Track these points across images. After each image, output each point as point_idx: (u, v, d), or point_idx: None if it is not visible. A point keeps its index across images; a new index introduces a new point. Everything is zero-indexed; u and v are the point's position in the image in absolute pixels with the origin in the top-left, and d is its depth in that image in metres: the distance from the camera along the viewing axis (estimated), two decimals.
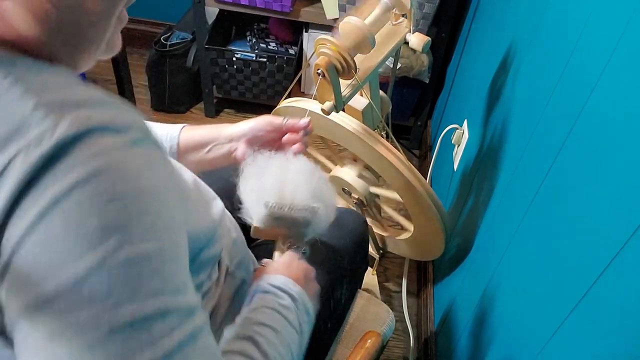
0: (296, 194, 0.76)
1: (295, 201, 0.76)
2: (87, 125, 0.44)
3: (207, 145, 0.89)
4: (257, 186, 0.78)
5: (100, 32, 0.51)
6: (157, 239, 0.46)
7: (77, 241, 0.43)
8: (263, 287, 0.70)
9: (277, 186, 0.77)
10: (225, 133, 0.88)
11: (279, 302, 0.68)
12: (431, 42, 1.12)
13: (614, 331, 0.59)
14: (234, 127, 0.88)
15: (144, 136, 0.49)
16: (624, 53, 0.64)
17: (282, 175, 0.78)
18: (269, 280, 0.71)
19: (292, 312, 0.68)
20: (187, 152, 0.89)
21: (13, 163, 0.42)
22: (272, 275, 0.73)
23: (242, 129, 0.88)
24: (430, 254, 1.37)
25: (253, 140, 0.88)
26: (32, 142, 0.43)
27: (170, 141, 0.88)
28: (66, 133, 0.43)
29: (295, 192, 0.76)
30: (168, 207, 0.49)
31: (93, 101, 0.47)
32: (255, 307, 0.67)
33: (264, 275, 0.73)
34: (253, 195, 0.78)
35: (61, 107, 0.44)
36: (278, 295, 0.69)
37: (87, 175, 0.43)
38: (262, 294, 0.70)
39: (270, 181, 0.78)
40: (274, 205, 0.76)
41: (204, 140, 0.89)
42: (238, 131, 0.88)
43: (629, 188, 0.59)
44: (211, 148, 0.89)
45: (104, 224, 0.43)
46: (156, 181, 0.48)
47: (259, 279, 0.73)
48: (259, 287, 0.71)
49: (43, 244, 0.42)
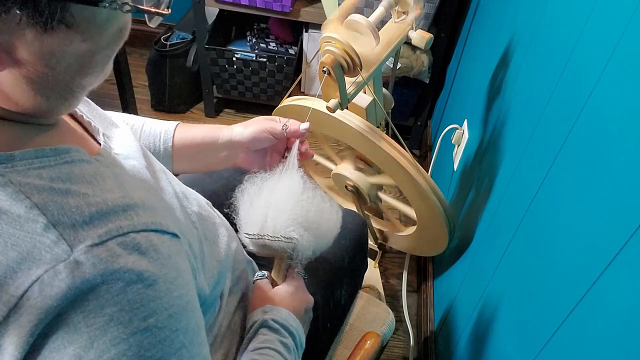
0: (276, 223, 0.75)
1: (275, 231, 0.75)
2: (111, 268, 0.45)
3: (204, 148, 0.86)
4: (245, 213, 0.77)
5: (95, 76, 0.51)
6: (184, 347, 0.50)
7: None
8: (267, 323, 0.73)
9: (261, 213, 0.76)
10: (224, 138, 0.85)
11: (282, 341, 0.72)
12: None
13: (614, 331, 0.58)
14: (232, 132, 0.85)
15: (158, 245, 0.50)
16: (624, 53, 0.64)
17: (268, 201, 0.76)
18: (273, 315, 0.74)
19: (291, 352, 0.73)
20: (182, 151, 0.86)
21: (31, 291, 0.43)
22: (276, 309, 0.75)
23: (242, 137, 0.84)
24: (433, 249, 1.37)
25: (253, 147, 0.86)
26: (50, 273, 0.43)
27: (164, 142, 0.86)
28: (90, 275, 0.44)
29: (275, 221, 0.75)
30: (187, 314, 0.52)
31: (105, 211, 0.47)
32: (260, 346, 0.70)
33: (269, 304, 0.75)
34: (242, 223, 0.78)
35: (73, 227, 0.45)
36: (282, 333, 0.72)
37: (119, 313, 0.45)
38: (267, 329, 0.72)
39: (256, 210, 0.76)
40: (253, 236, 0.76)
41: (201, 141, 0.86)
42: (237, 139, 0.85)
43: (629, 188, 0.59)
44: (209, 151, 0.87)
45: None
46: (176, 301, 0.50)
47: (262, 306, 0.75)
48: (264, 321, 0.73)
49: None
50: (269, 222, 0.75)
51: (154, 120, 0.88)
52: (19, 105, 0.47)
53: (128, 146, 0.63)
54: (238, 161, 0.87)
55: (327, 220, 0.79)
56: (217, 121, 2.15)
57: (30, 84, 0.45)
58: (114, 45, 0.50)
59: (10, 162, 0.45)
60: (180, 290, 0.50)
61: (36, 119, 0.50)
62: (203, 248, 0.64)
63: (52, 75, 0.46)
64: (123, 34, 0.50)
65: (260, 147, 0.86)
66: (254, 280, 0.82)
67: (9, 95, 0.46)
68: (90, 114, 0.64)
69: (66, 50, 0.45)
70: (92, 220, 0.46)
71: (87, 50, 0.46)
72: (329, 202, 0.80)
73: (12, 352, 0.42)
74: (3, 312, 0.42)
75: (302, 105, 1.16)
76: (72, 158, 0.49)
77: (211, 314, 0.70)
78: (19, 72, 0.44)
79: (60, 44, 0.44)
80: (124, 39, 0.51)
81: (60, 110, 0.51)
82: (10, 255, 0.43)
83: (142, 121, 0.87)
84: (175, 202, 0.61)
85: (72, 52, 0.45)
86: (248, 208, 0.77)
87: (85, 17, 0.44)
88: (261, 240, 0.75)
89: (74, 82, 0.49)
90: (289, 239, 0.75)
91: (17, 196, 0.44)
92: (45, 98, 0.48)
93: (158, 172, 0.64)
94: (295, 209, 0.75)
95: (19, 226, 0.43)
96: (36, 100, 0.47)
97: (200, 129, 0.87)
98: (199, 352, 0.53)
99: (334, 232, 0.81)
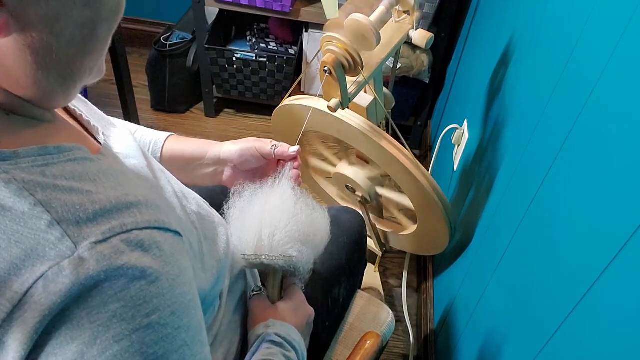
0: (273, 241, 0.74)
1: (272, 250, 0.74)
2: (114, 265, 0.45)
3: (191, 161, 0.86)
4: (238, 231, 0.76)
5: (95, 59, 0.51)
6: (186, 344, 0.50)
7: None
8: (271, 337, 0.73)
9: (255, 232, 0.74)
10: (212, 153, 0.85)
11: (285, 355, 0.72)
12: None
13: (614, 331, 0.58)
14: (221, 149, 0.86)
15: (162, 242, 0.50)
16: (624, 53, 0.64)
17: (261, 217, 0.75)
18: (276, 329, 0.74)
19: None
20: (169, 164, 0.85)
21: (35, 288, 0.43)
22: (279, 323, 0.75)
23: (231, 154, 0.84)
24: (434, 248, 1.38)
25: (241, 166, 0.85)
26: (54, 270, 0.43)
27: (153, 152, 0.86)
28: (94, 271, 0.44)
29: (272, 239, 0.74)
30: (189, 312, 0.52)
31: (108, 209, 0.47)
32: (264, 359, 0.70)
33: (271, 319, 0.76)
34: (236, 240, 0.76)
35: (77, 224, 0.45)
36: (285, 347, 0.73)
37: (123, 309, 0.45)
38: (270, 343, 0.72)
39: (249, 227, 0.75)
40: (250, 257, 0.75)
41: (189, 156, 0.86)
42: (226, 155, 0.85)
43: (629, 188, 0.59)
44: (196, 166, 0.86)
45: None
46: (178, 300, 0.50)
47: (264, 320, 0.76)
48: (267, 335, 0.73)
49: None
50: (265, 241, 0.74)
51: (146, 129, 0.88)
52: (19, 83, 0.47)
53: (127, 146, 0.63)
54: (224, 179, 0.86)
55: (319, 230, 0.79)
56: (217, 121, 2.15)
57: (34, 55, 0.45)
58: (112, 19, 0.50)
59: (14, 159, 0.45)
60: (182, 288, 0.50)
61: (35, 109, 0.50)
62: (203, 248, 0.64)
63: (56, 47, 0.46)
64: (120, 9, 0.50)
65: (247, 167, 0.86)
66: (251, 295, 0.81)
67: (10, 69, 0.46)
68: (89, 114, 0.64)
69: (70, 15, 0.45)
70: (95, 217, 0.46)
71: (88, 19, 0.46)
72: (318, 210, 0.80)
73: (17, 348, 0.42)
74: (7, 308, 0.42)
75: (303, 105, 1.16)
76: (75, 156, 0.49)
77: (211, 313, 0.70)
78: (24, 41, 0.44)
79: (63, 5, 0.44)
80: (121, 14, 0.51)
81: (57, 96, 0.51)
82: (14, 252, 0.43)
83: (135, 128, 0.87)
84: (175, 201, 0.61)
85: (75, 19, 0.45)
86: (240, 226, 0.76)
87: None
88: (258, 260, 0.75)
89: (76, 60, 0.49)
90: (288, 257, 0.74)
91: (21, 193, 0.44)
92: (46, 75, 0.47)
93: (157, 171, 0.64)
94: (290, 224, 0.74)
95: (23, 223, 0.43)
96: (36, 78, 0.47)
97: (191, 143, 0.87)
98: (200, 351, 0.53)
99: (326, 240, 0.80)
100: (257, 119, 2.17)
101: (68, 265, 0.43)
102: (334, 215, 0.97)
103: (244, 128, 2.13)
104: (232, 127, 2.13)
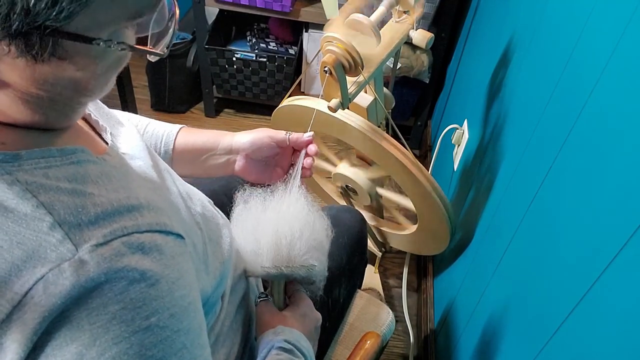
0: (292, 250, 0.73)
1: (291, 260, 0.73)
2: (114, 267, 0.45)
3: (203, 153, 0.86)
4: (252, 241, 0.75)
5: (97, 96, 0.50)
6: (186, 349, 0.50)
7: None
8: (280, 344, 0.72)
9: (272, 242, 0.73)
10: (224, 143, 0.85)
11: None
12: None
13: (614, 331, 0.58)
14: (233, 138, 0.85)
15: (163, 245, 0.50)
16: (624, 53, 0.64)
17: (276, 226, 0.73)
18: (285, 336, 0.73)
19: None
20: (182, 156, 0.86)
21: (35, 289, 0.43)
22: (288, 329, 0.74)
23: (243, 143, 0.84)
24: (434, 248, 1.38)
25: (253, 154, 0.85)
26: (55, 272, 0.43)
27: (165, 145, 0.85)
28: (94, 273, 0.44)
29: (291, 248, 0.73)
30: (189, 314, 0.52)
31: (110, 211, 0.47)
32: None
33: (280, 326, 0.75)
34: (249, 252, 0.75)
35: (79, 227, 0.45)
36: (294, 353, 0.72)
37: (122, 311, 0.45)
38: (280, 350, 0.71)
39: (265, 237, 0.74)
40: (269, 268, 0.74)
41: (201, 147, 0.86)
42: (238, 144, 0.84)
43: (629, 188, 0.59)
44: (208, 157, 0.86)
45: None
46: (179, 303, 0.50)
47: (272, 327, 0.75)
48: (277, 342, 0.72)
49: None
50: (284, 251, 0.73)
51: (158, 122, 0.88)
52: (18, 122, 0.47)
53: (134, 146, 0.63)
54: (237, 168, 0.86)
55: (324, 236, 0.78)
56: (217, 121, 2.15)
57: (26, 104, 0.45)
58: (112, 71, 0.49)
59: (17, 161, 0.45)
60: (182, 290, 0.50)
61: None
62: (207, 249, 0.64)
63: (48, 97, 0.46)
64: (122, 62, 0.49)
65: (260, 156, 0.85)
66: (257, 302, 0.80)
67: (6, 113, 0.46)
68: (97, 112, 0.64)
69: (60, 77, 0.44)
70: (97, 220, 0.46)
71: (82, 77, 0.46)
72: (321, 216, 0.79)
73: (16, 349, 0.42)
74: (7, 309, 0.42)
75: (303, 105, 1.16)
76: (78, 159, 0.49)
77: (213, 314, 0.70)
78: (13, 94, 0.44)
79: (53, 72, 0.44)
80: (123, 65, 0.50)
81: (62, 123, 0.51)
82: (16, 253, 0.43)
83: (147, 122, 0.87)
84: (180, 202, 0.61)
85: (66, 78, 0.45)
86: (254, 236, 0.75)
87: (78, 51, 0.43)
88: (279, 271, 0.73)
89: (73, 101, 0.49)
90: (309, 266, 0.73)
91: (23, 195, 0.44)
92: (44, 116, 0.47)
93: (163, 172, 0.64)
94: (305, 232, 0.73)
95: (25, 225, 0.43)
96: (34, 118, 0.47)
97: (203, 134, 0.87)
98: (200, 354, 0.53)
99: (329, 245, 0.80)
100: (257, 119, 2.17)
101: (68, 268, 0.43)
102: (334, 215, 0.97)
103: (244, 128, 2.12)
104: (232, 127, 2.13)
